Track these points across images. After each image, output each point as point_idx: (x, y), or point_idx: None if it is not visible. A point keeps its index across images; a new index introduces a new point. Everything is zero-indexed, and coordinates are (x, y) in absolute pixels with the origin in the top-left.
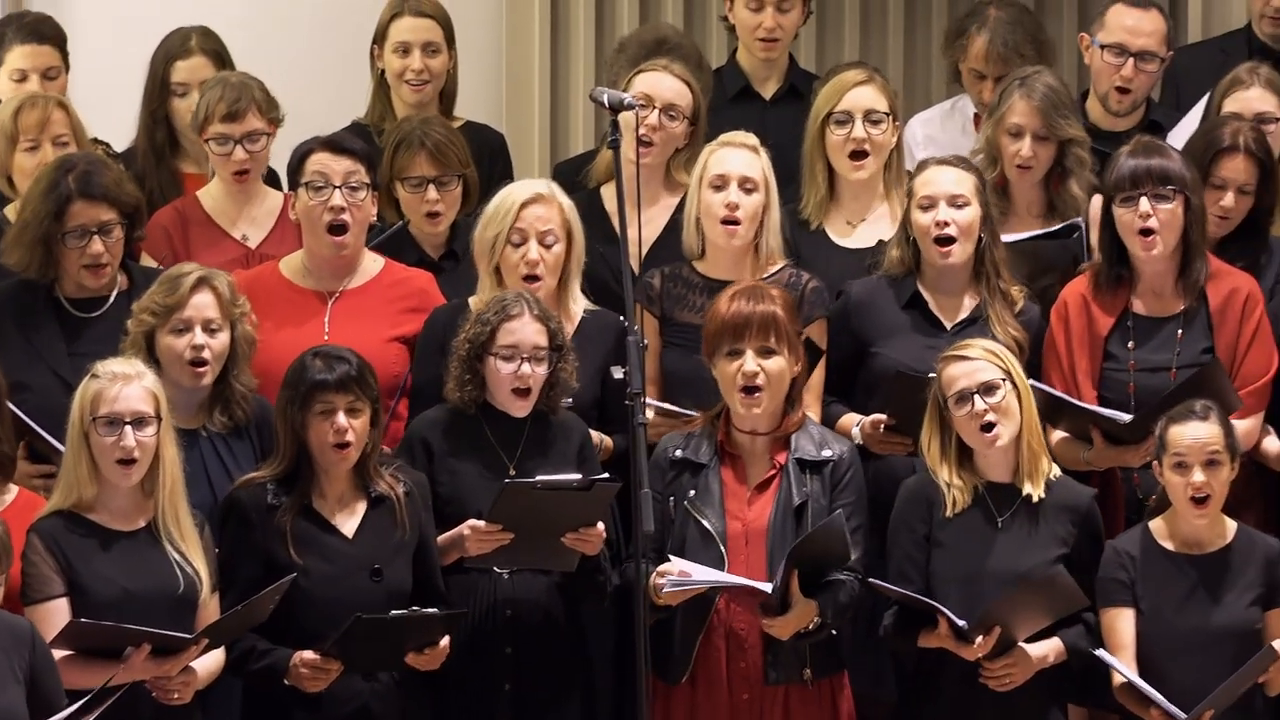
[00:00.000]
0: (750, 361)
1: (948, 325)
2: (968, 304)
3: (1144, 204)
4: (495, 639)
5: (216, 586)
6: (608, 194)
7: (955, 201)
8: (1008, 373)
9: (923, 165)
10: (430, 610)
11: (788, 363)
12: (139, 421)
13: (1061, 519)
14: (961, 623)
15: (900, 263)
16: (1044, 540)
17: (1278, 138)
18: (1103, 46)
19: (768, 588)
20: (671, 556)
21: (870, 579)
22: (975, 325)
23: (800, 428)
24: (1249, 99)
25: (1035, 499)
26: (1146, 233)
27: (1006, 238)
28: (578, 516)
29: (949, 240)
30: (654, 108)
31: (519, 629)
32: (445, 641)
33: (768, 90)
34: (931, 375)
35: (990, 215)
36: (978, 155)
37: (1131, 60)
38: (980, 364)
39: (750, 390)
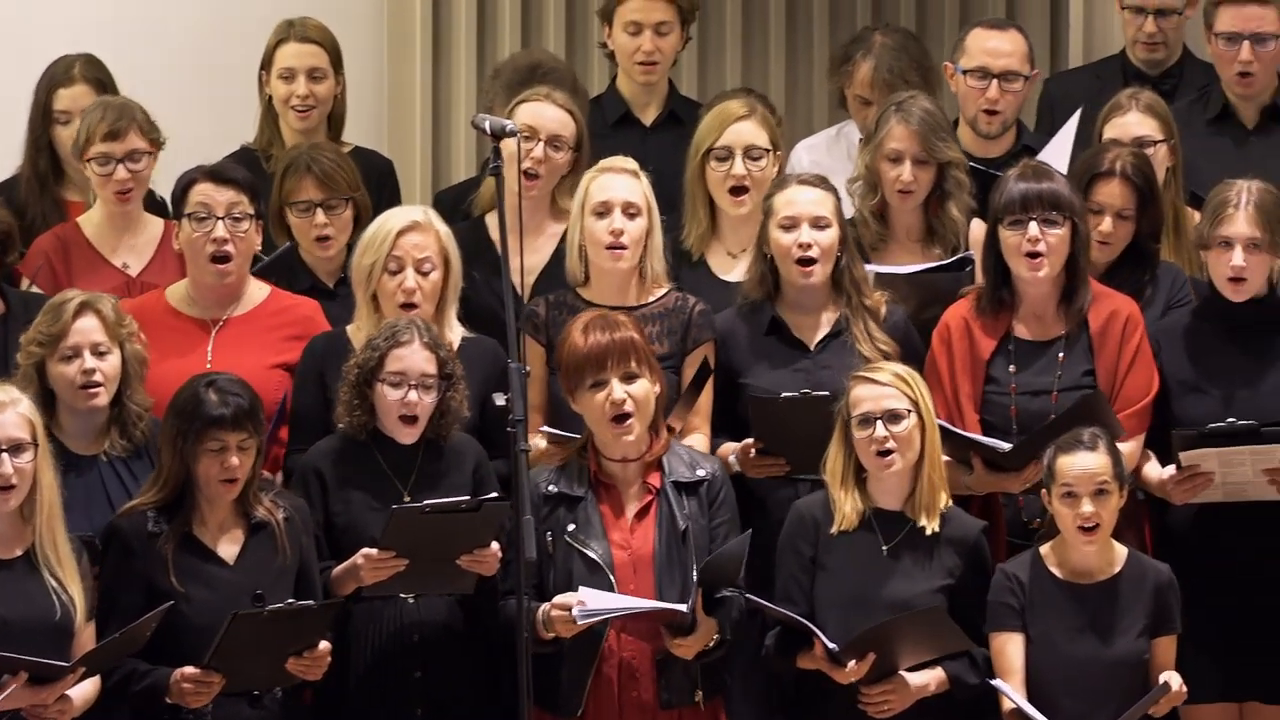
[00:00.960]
0: (617, 390)
1: (810, 345)
2: (827, 321)
3: (1033, 228)
4: (404, 663)
5: (92, 614)
6: (493, 222)
7: (817, 223)
8: (915, 403)
9: (783, 183)
10: (306, 602)
11: (651, 385)
12: (15, 448)
13: (949, 550)
14: (833, 645)
15: (759, 283)
16: (930, 570)
17: (1159, 161)
18: (965, 71)
19: (683, 607)
20: (581, 589)
21: (749, 595)
22: (838, 341)
23: (667, 449)
24: (1128, 124)
25: (928, 531)
26: (1034, 255)
27: (898, 269)
28: (470, 538)
29: (810, 261)
30: (538, 139)
31: (427, 652)
32: (325, 645)
33: (648, 116)
34: (785, 396)
35: (848, 235)
36: (857, 182)
37: (995, 82)
38: (889, 390)
39: (620, 418)
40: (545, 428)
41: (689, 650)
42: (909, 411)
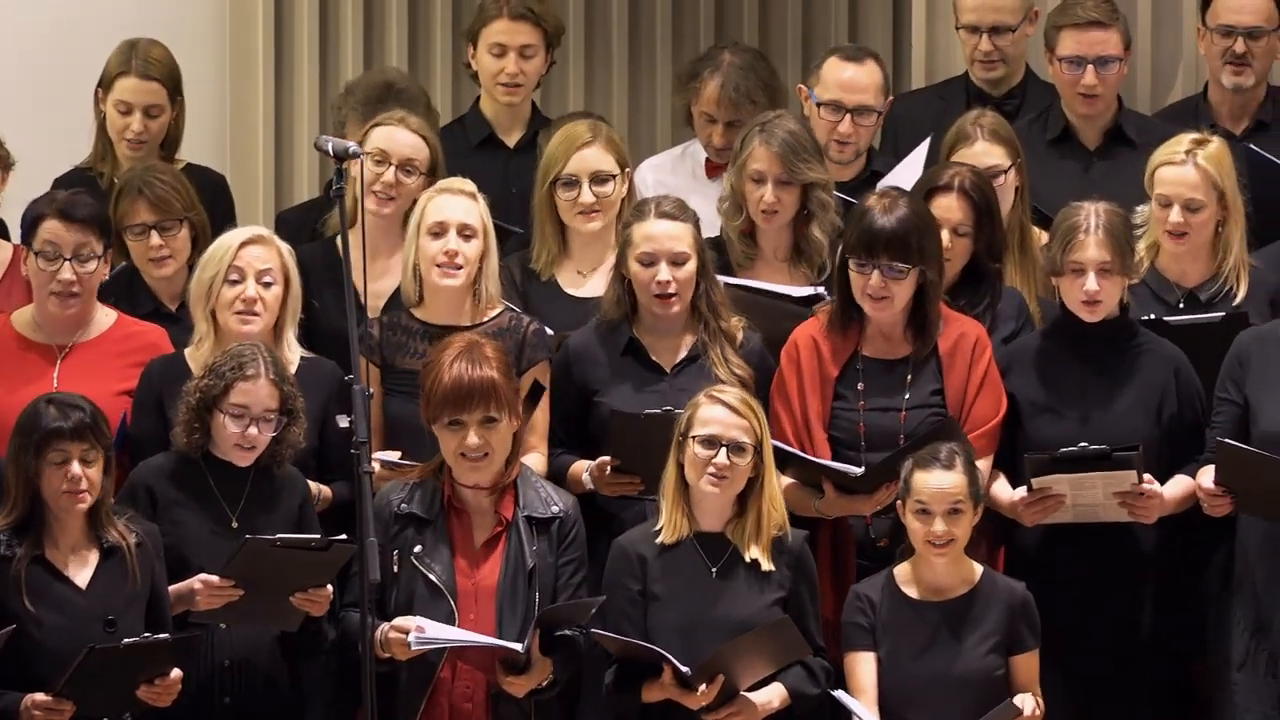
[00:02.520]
0: (473, 435)
1: (667, 368)
2: (686, 344)
3: (875, 278)
4: (213, 690)
5: None
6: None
7: (676, 259)
8: (759, 440)
9: (642, 213)
10: (161, 636)
11: (509, 424)
12: None
13: (776, 563)
14: (685, 669)
15: (616, 304)
16: (761, 586)
17: (1007, 188)
18: (820, 104)
19: (519, 647)
20: (419, 618)
21: (592, 629)
22: (695, 365)
23: (521, 477)
24: (976, 155)
25: (763, 567)
26: (879, 298)
27: (752, 283)
28: (309, 576)
29: (670, 297)
30: (390, 164)
31: (237, 680)
32: (177, 673)
33: (511, 138)
34: (647, 414)
35: (707, 262)
36: (724, 202)
37: (849, 116)
38: (741, 421)
39: (473, 459)
40: (381, 455)
41: (520, 689)
42: (751, 446)
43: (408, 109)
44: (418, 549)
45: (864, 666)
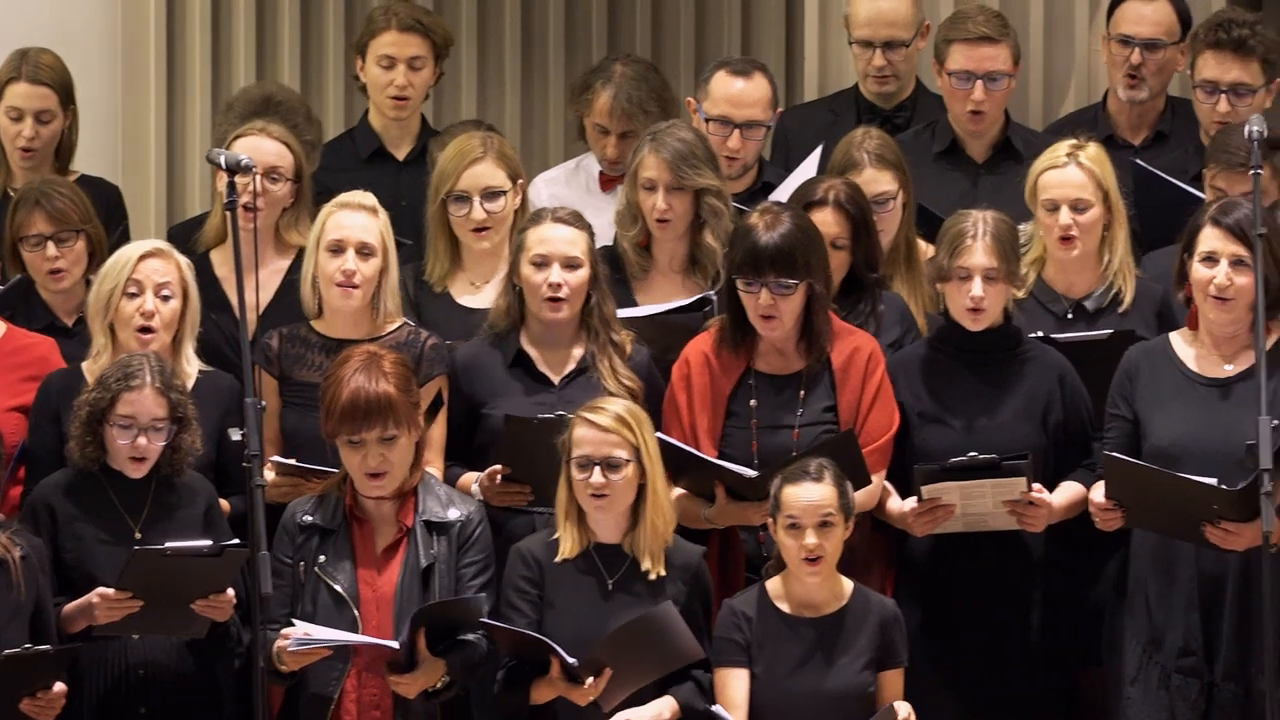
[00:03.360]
0: (373, 455)
1: (555, 380)
2: (574, 355)
3: (764, 297)
4: (129, 701)
5: None
6: (218, 258)
7: (569, 263)
8: (637, 449)
9: (538, 219)
10: (42, 647)
11: (409, 438)
12: None
13: (672, 578)
14: (572, 660)
15: (505, 313)
16: (657, 601)
17: (895, 214)
18: (708, 119)
19: (394, 644)
20: (296, 621)
21: (484, 619)
22: (583, 376)
23: (423, 483)
24: (864, 182)
25: (652, 576)
26: (768, 316)
27: (637, 312)
28: (207, 583)
29: (560, 300)
30: (255, 172)
31: (152, 690)
32: (60, 687)
33: (401, 151)
34: (540, 418)
35: (599, 273)
36: (621, 215)
37: (737, 131)
38: (611, 437)
39: (374, 475)
40: (276, 457)
41: (409, 689)
42: (628, 461)
43: (288, 121)
44: (321, 559)
45: (736, 682)
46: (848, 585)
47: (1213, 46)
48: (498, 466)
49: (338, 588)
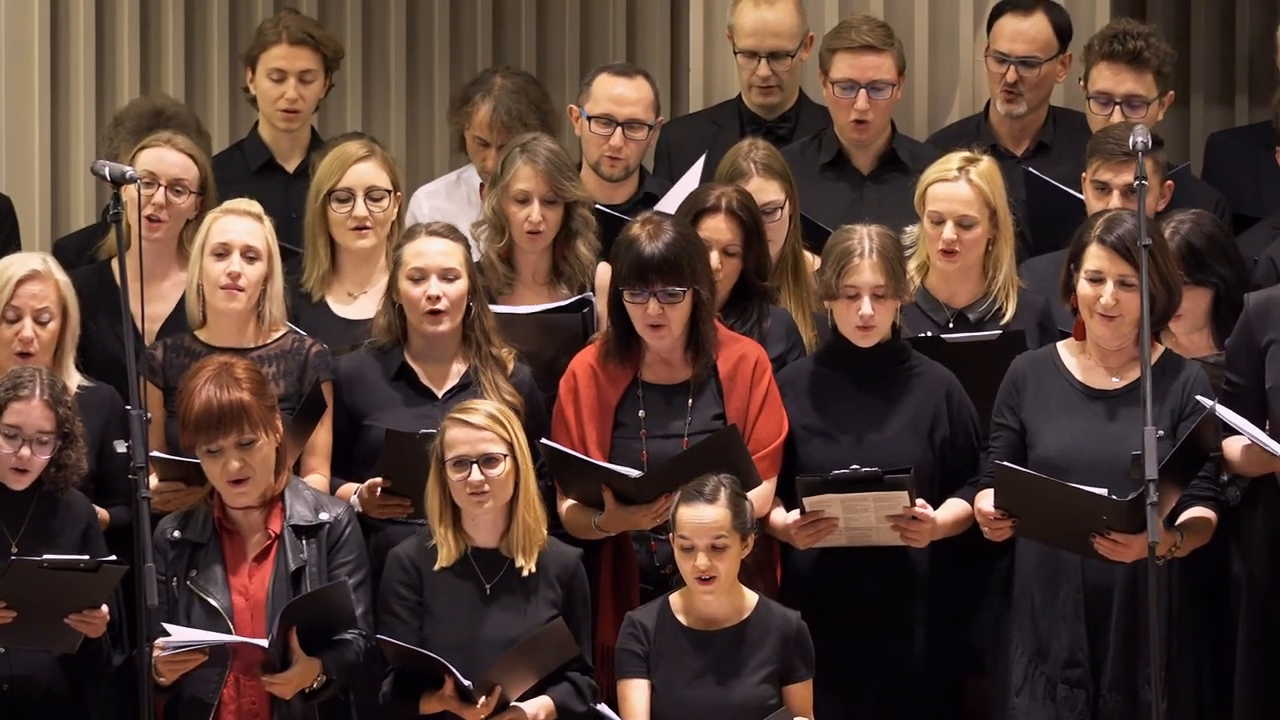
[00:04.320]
0: (232, 461)
1: (438, 393)
2: (457, 370)
3: (653, 306)
4: None
5: None
6: (119, 268)
7: (446, 275)
8: (511, 445)
9: (413, 233)
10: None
11: (269, 443)
12: None
13: (549, 580)
14: (467, 682)
15: (387, 329)
16: (535, 604)
17: (781, 224)
18: (590, 118)
19: (263, 643)
20: (169, 626)
21: (379, 635)
22: (467, 391)
23: (290, 488)
24: (751, 192)
25: (524, 573)
26: (656, 326)
27: (516, 309)
28: (82, 597)
29: (439, 313)
30: (160, 185)
31: (17, 705)
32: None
33: (291, 163)
34: (423, 432)
35: (478, 285)
36: (483, 226)
37: (619, 129)
38: (485, 434)
39: (235, 483)
40: (157, 454)
41: (285, 689)
42: (504, 456)
43: (178, 134)
44: (193, 574)
45: (636, 694)
46: (751, 598)
47: (1107, 58)
48: (378, 479)
49: (211, 601)
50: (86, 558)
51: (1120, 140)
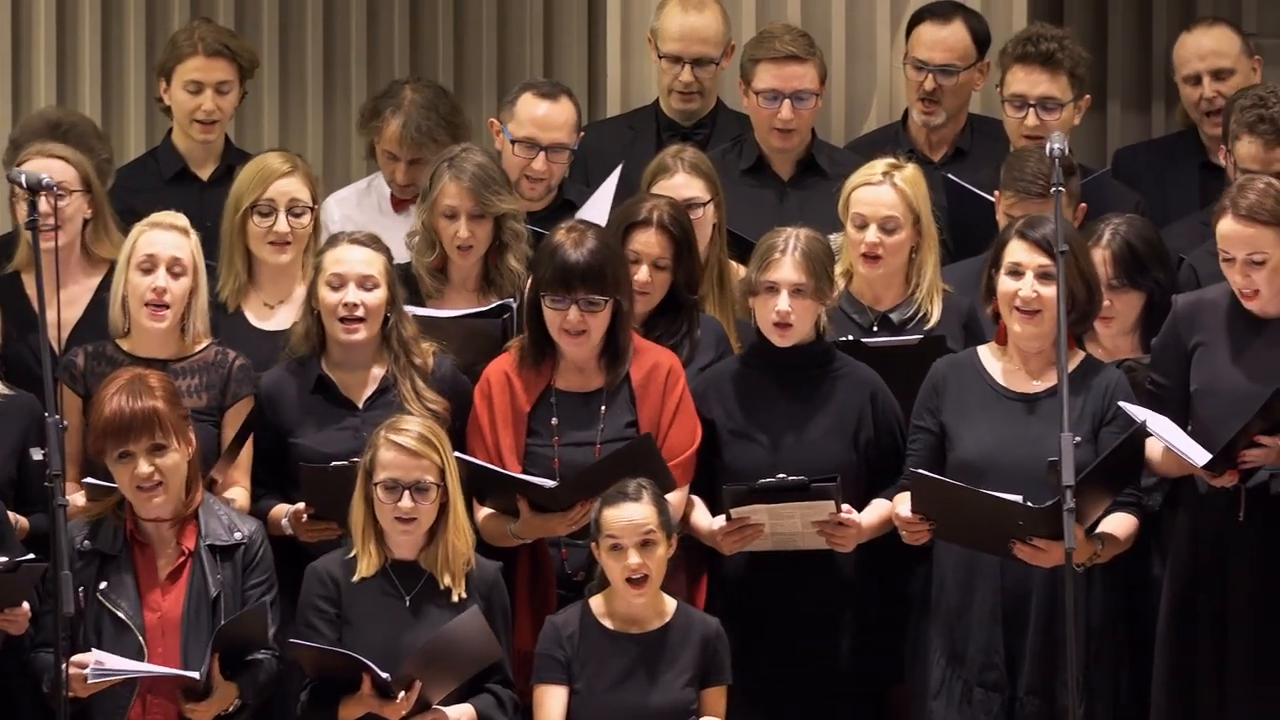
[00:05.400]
0: (143, 464)
1: (358, 403)
2: (375, 377)
3: (573, 313)
4: None
5: None
6: (28, 277)
7: (365, 283)
8: (442, 470)
9: (334, 241)
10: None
11: (181, 452)
12: None
13: (470, 594)
14: (385, 675)
15: (305, 338)
16: (453, 613)
17: (705, 222)
18: (514, 141)
19: (195, 675)
20: (95, 650)
21: (292, 640)
22: (385, 398)
23: (204, 506)
24: (675, 186)
25: (454, 597)
26: (576, 333)
27: (437, 313)
28: (3, 598)
29: (358, 320)
30: (56, 191)
31: None
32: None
33: (205, 171)
34: (333, 465)
35: (397, 295)
36: (415, 238)
37: (543, 154)
38: (421, 461)
39: (148, 489)
40: (90, 480)
41: (204, 715)
42: (435, 484)
43: (80, 145)
44: (103, 585)
45: (552, 699)
46: (670, 603)
47: (1021, 60)
48: (302, 507)
49: (120, 614)
50: (5, 559)
51: (1033, 179)
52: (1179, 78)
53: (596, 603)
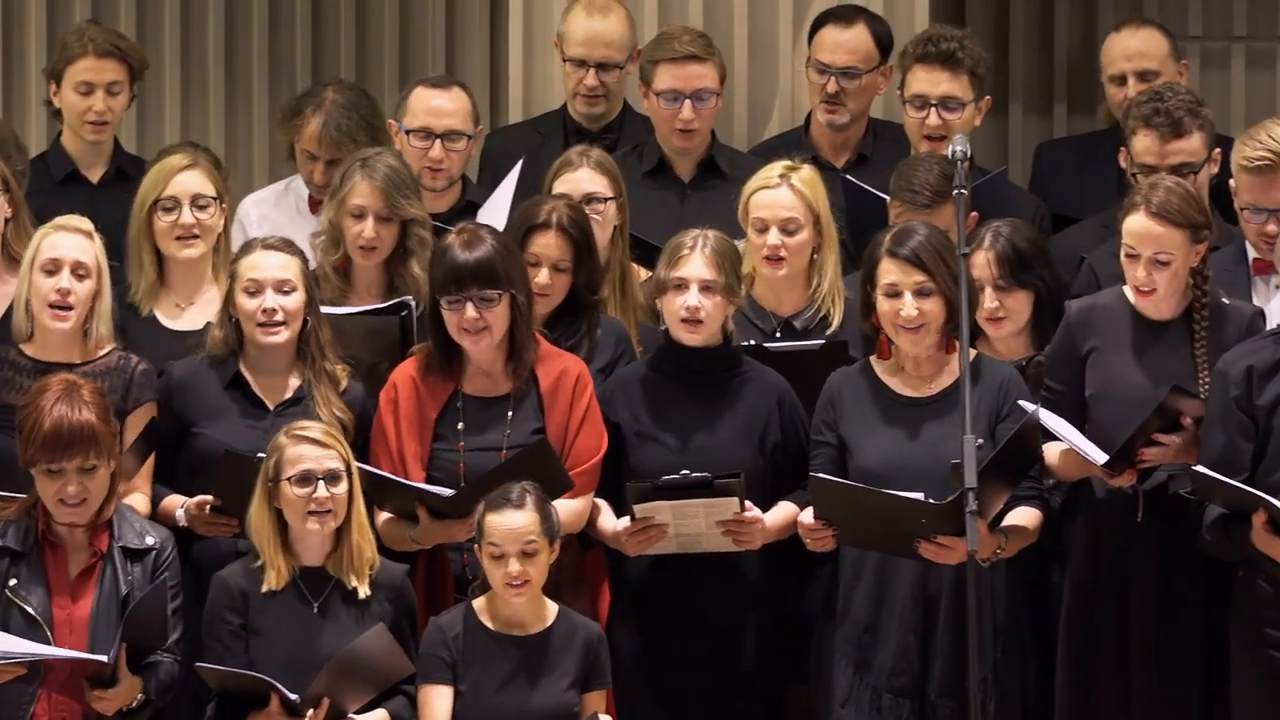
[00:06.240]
0: (72, 485)
1: (271, 406)
2: (291, 384)
3: (469, 310)
4: None
5: None
6: None
7: (282, 288)
8: (347, 464)
9: (249, 248)
10: None
11: (107, 469)
12: None
13: (378, 597)
14: (294, 696)
15: (223, 343)
16: (365, 621)
17: (607, 221)
18: (409, 132)
19: (104, 658)
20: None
21: (199, 664)
22: (299, 405)
23: (117, 511)
24: (578, 180)
25: (360, 595)
26: (475, 330)
27: (336, 310)
28: None
29: (277, 324)
30: None
31: None
32: None
33: (95, 174)
34: (259, 455)
35: (314, 299)
36: (320, 237)
37: (439, 141)
38: (331, 452)
39: (71, 504)
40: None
41: (109, 705)
42: (345, 474)
43: None
44: (13, 582)
45: (438, 699)
46: (552, 607)
47: (922, 60)
48: (208, 497)
49: (30, 610)
50: None
51: (920, 190)
52: (1105, 77)
53: (480, 604)
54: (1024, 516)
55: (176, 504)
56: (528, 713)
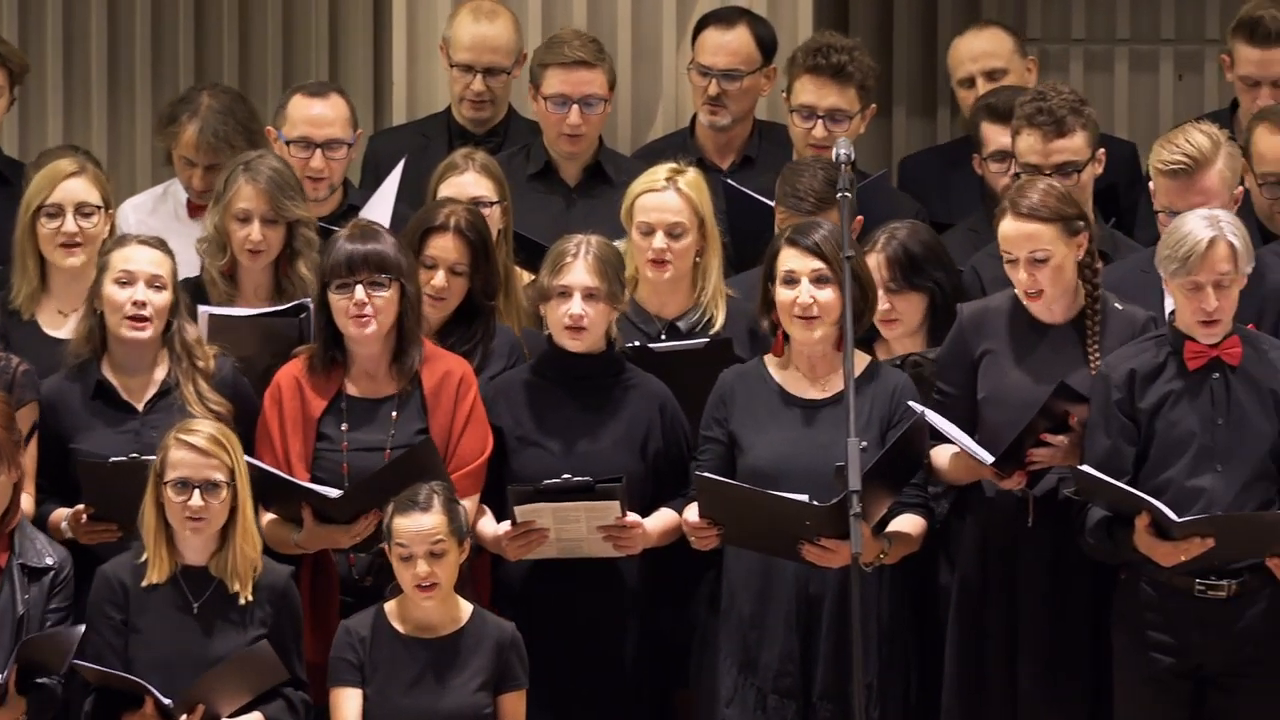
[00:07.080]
0: None
1: (138, 406)
2: (156, 379)
3: (359, 292)
4: None
5: None
6: None
7: (154, 283)
8: (232, 471)
9: (123, 241)
10: None
11: (8, 479)
12: None
13: (260, 600)
14: (168, 701)
15: (87, 338)
16: (244, 623)
17: (493, 222)
18: (289, 142)
19: None
20: None
21: (77, 661)
22: (167, 400)
23: (19, 528)
24: (464, 184)
25: (241, 600)
26: (360, 317)
27: (233, 311)
28: None
29: (142, 320)
30: None
31: None
32: None
33: None
34: (112, 460)
35: (180, 301)
36: (206, 243)
37: (319, 151)
38: (211, 460)
39: None
40: None
41: None
42: (226, 484)
43: None
44: None
45: (349, 703)
46: (466, 608)
47: (811, 71)
48: (81, 508)
49: None
50: None
51: (804, 196)
52: (954, 82)
53: (391, 607)
54: (908, 524)
55: (62, 517)
56: (436, 714)
